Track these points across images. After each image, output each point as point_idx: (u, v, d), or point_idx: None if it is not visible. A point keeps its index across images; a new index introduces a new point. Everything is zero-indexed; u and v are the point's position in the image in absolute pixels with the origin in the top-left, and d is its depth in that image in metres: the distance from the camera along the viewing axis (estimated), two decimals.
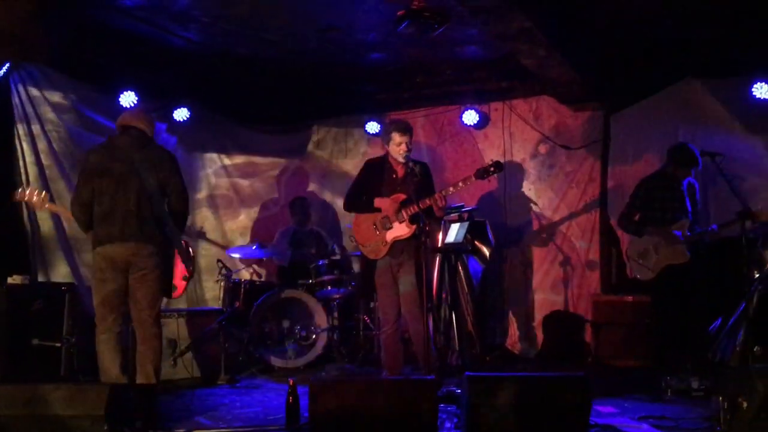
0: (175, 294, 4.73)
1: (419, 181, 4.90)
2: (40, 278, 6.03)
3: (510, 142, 7.47)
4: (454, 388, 4.59)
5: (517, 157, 7.45)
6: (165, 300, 6.44)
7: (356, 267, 6.95)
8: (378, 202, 4.97)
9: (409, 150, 4.97)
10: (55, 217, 6.19)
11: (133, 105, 6.58)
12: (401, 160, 4.97)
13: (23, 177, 6.03)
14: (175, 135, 7.36)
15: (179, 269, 4.67)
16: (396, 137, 4.96)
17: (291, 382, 3.95)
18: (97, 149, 4.56)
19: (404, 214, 4.88)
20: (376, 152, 7.44)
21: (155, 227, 4.42)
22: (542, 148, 7.36)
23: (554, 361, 6.71)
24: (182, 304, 7.28)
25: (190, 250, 4.71)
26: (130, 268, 4.37)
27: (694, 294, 5.71)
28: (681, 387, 5.05)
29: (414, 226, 4.79)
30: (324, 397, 3.58)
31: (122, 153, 4.43)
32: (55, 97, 6.28)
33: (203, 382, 5.65)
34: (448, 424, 3.94)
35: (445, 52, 6.84)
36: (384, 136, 5.11)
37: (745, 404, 4.03)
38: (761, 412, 3.95)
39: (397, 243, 4.91)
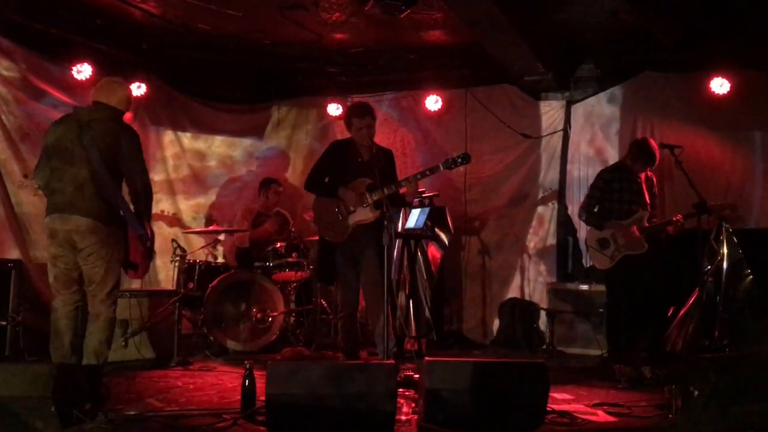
0: (138, 274, 4.60)
1: (383, 167, 4.84)
2: None
3: (471, 130, 7.46)
4: (412, 373, 4.57)
5: (478, 145, 7.42)
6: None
7: (314, 251, 6.86)
8: (341, 192, 4.90)
9: (372, 133, 4.90)
10: (4, 195, 5.97)
11: (87, 78, 6.41)
12: (365, 143, 4.90)
13: None
14: (130, 110, 7.13)
15: (137, 249, 4.51)
16: (355, 122, 4.91)
17: (248, 365, 3.86)
18: (56, 123, 4.43)
19: (369, 198, 4.83)
20: (337, 135, 7.37)
21: (103, 206, 4.25)
22: (503, 137, 7.35)
23: (509, 348, 6.76)
24: (135, 285, 7.12)
25: (149, 230, 4.54)
26: (75, 245, 4.22)
27: (650, 284, 5.79)
28: (634, 375, 5.12)
29: (378, 212, 4.74)
30: (281, 381, 3.51)
31: (77, 129, 4.28)
32: (5, 67, 6.04)
33: (155, 364, 5.52)
34: (405, 409, 3.91)
35: (409, 36, 6.77)
36: (346, 120, 5.05)
37: (696, 392, 4.10)
38: (711, 400, 4.03)
39: (359, 228, 4.85)
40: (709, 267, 5.96)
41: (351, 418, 3.50)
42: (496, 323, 7.15)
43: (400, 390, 4.17)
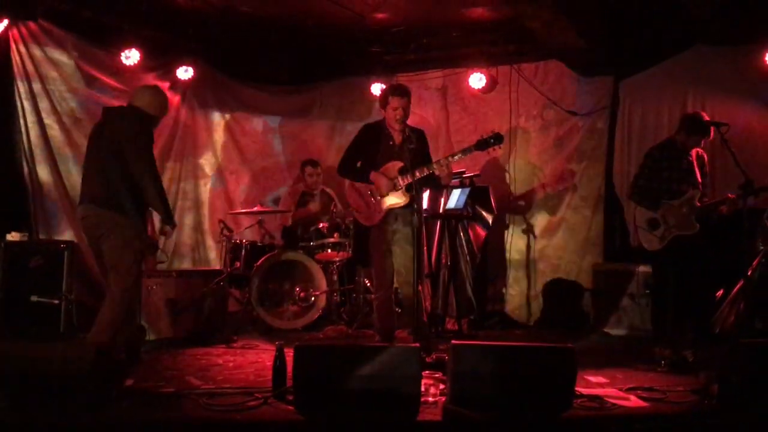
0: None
1: (415, 149, 4.83)
2: (43, 236, 6.08)
3: (517, 107, 7.36)
4: (444, 355, 4.59)
5: (524, 123, 7.35)
6: (167, 260, 6.59)
7: None
8: (374, 176, 4.92)
9: (405, 115, 4.89)
10: (56, 175, 6.22)
11: (135, 63, 6.58)
12: (397, 126, 4.89)
13: (24, 136, 6.05)
14: (178, 94, 7.32)
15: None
16: (393, 101, 4.89)
17: (278, 345, 3.95)
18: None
19: (401, 182, 4.84)
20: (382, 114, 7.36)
21: (106, 191, 4.40)
22: (549, 114, 7.24)
23: (553, 329, 6.70)
24: (185, 264, 7.35)
25: (150, 225, 4.77)
26: (90, 230, 4.52)
27: (700, 266, 5.63)
28: (676, 358, 5.01)
29: (410, 195, 4.75)
30: (308, 363, 3.58)
31: (99, 131, 4.58)
32: (57, 54, 6.27)
33: (200, 342, 5.68)
34: (433, 391, 3.93)
35: (451, 13, 6.71)
36: (381, 100, 5.04)
37: (735, 378, 3.99)
38: (751, 386, 3.92)
39: (392, 211, 4.88)
40: (762, 247, 5.77)
41: (377, 399, 3.55)
42: (541, 304, 7.07)
43: (430, 372, 4.21)
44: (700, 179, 5.73)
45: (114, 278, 4.44)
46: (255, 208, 6.85)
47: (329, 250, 6.59)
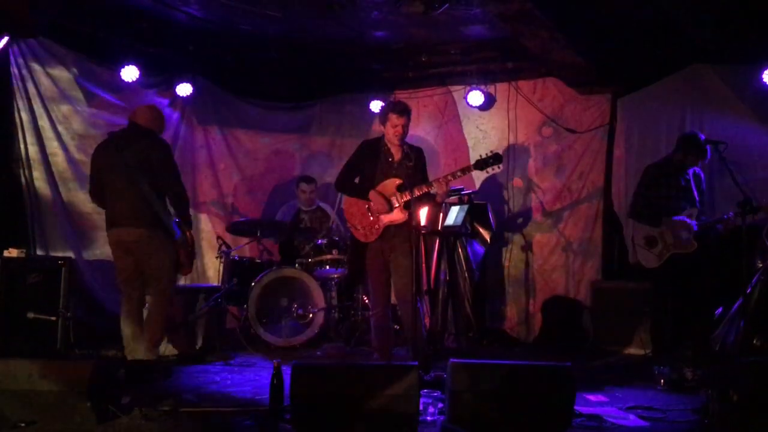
0: (184, 272, 5.18)
1: (414, 166, 4.84)
2: (40, 252, 6.06)
3: (515, 124, 7.39)
4: (443, 373, 4.57)
5: (522, 140, 7.37)
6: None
7: None
8: (372, 195, 4.91)
9: (405, 133, 4.90)
10: (54, 190, 6.21)
11: (134, 80, 6.60)
12: (396, 142, 4.91)
13: (23, 152, 6.04)
14: (177, 110, 7.33)
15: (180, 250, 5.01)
16: (393, 119, 4.90)
17: (275, 364, 3.93)
18: (100, 145, 5.02)
19: (399, 199, 4.83)
20: (381, 131, 7.37)
21: (149, 213, 4.78)
22: (547, 131, 7.27)
23: (552, 347, 6.67)
24: (182, 281, 7.31)
25: (188, 235, 5.01)
26: (135, 249, 4.84)
27: (699, 283, 5.63)
28: (674, 377, 4.99)
29: (408, 212, 4.75)
30: (306, 381, 3.57)
31: (115, 147, 4.84)
32: (57, 71, 6.27)
33: (198, 359, 5.66)
34: (431, 410, 3.91)
35: (449, 32, 6.72)
36: (381, 117, 5.04)
37: (735, 397, 3.97)
38: (751, 405, 3.90)
39: (389, 227, 4.87)
40: (761, 264, 5.77)
41: (375, 418, 3.53)
42: (540, 321, 7.06)
43: (428, 390, 4.19)
44: (697, 197, 5.74)
45: (158, 289, 4.92)
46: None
47: (327, 267, 6.58)
